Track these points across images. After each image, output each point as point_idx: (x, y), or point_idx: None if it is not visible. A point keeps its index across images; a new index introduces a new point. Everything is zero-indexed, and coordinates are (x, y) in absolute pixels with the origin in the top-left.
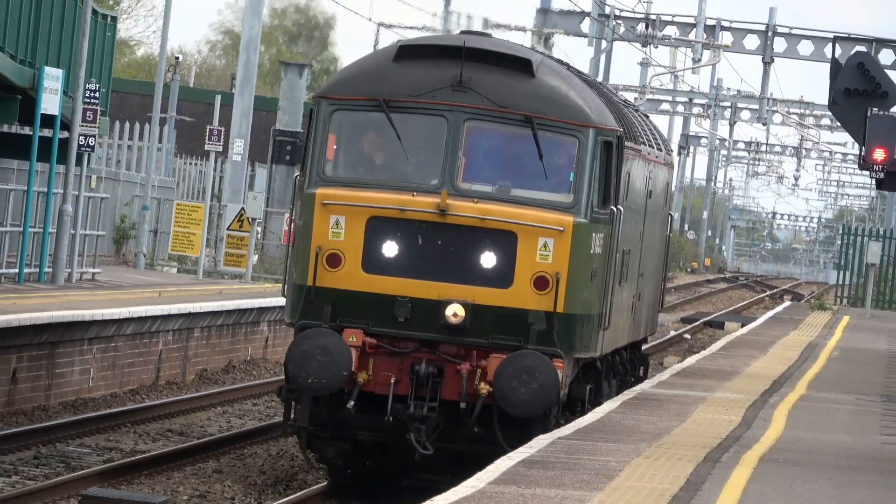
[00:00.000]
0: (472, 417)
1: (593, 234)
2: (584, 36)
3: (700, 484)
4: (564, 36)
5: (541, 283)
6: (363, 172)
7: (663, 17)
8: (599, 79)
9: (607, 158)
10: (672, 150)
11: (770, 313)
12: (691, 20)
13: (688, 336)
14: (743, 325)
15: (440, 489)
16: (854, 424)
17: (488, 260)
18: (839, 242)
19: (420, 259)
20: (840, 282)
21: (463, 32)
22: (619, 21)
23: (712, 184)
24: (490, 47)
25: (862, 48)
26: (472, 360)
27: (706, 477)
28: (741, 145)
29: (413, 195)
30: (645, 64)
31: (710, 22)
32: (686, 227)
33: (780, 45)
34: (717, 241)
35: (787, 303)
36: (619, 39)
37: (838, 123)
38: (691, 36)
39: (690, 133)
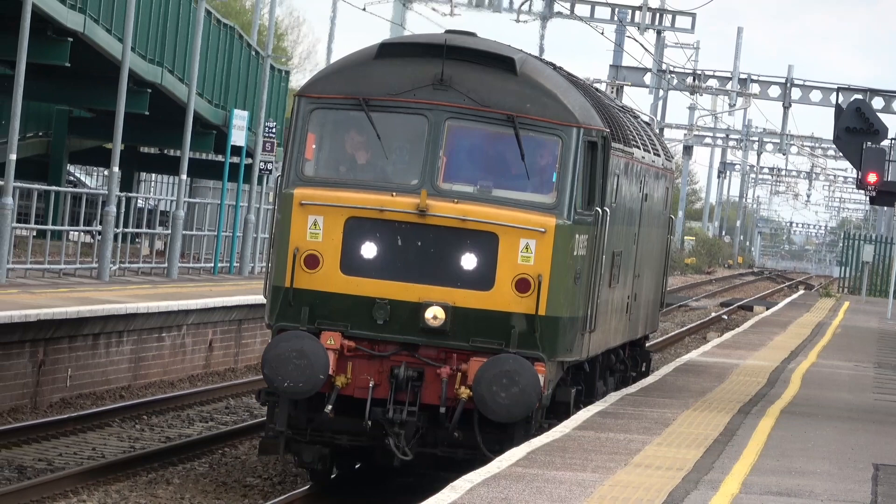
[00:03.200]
0: (451, 422)
1: (577, 236)
2: (647, 87)
3: (735, 430)
4: (630, 86)
5: (522, 285)
6: (342, 172)
7: (707, 73)
8: (657, 118)
9: (592, 159)
10: (672, 157)
11: (788, 299)
12: (728, 74)
13: (725, 316)
14: (767, 309)
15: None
16: (853, 385)
17: (469, 261)
18: (841, 245)
19: (399, 260)
20: (842, 275)
21: (447, 32)
22: (672, 75)
23: (744, 199)
24: (472, 45)
25: (859, 96)
26: (453, 364)
27: (739, 425)
28: (766, 170)
29: (392, 195)
30: (692, 108)
31: (742, 76)
32: (724, 233)
33: (796, 93)
34: (748, 243)
35: (801, 291)
36: (673, 89)
37: (841, 154)
38: (728, 86)
39: (727, 161)
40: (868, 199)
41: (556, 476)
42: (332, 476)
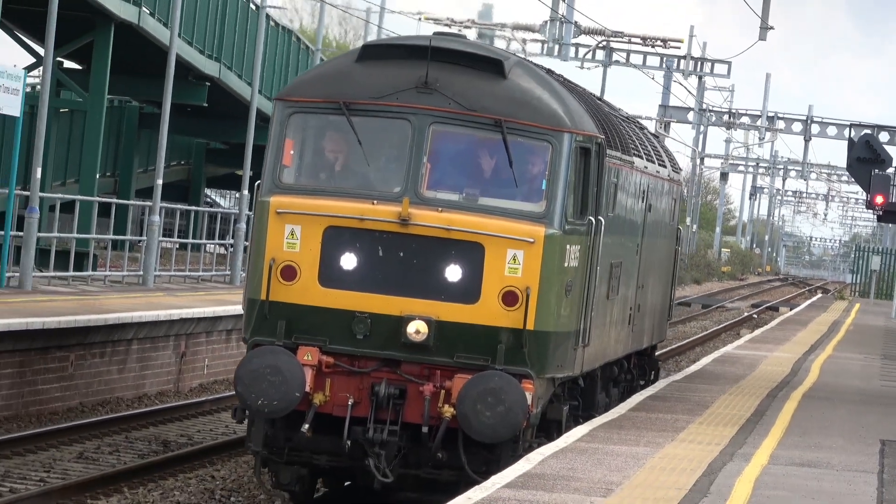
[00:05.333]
0: (434, 442)
1: (568, 246)
2: (690, 123)
3: (764, 411)
4: (676, 123)
5: (510, 298)
6: (321, 179)
7: (740, 111)
8: (698, 149)
9: (585, 166)
10: (681, 170)
11: (808, 301)
12: (758, 113)
13: (755, 316)
14: (791, 309)
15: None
16: (863, 374)
17: (453, 273)
18: (853, 256)
19: (380, 272)
20: (854, 281)
21: (436, 34)
22: (711, 113)
23: (771, 218)
24: (458, 47)
25: (868, 131)
26: (436, 381)
27: (768, 407)
28: (790, 193)
29: (373, 203)
30: (728, 141)
31: (769, 114)
32: (754, 246)
33: (815, 128)
34: (774, 255)
35: (819, 295)
36: (712, 125)
37: (853, 179)
38: (758, 123)
39: (757, 185)
40: (876, 217)
41: (614, 449)
42: (318, 495)
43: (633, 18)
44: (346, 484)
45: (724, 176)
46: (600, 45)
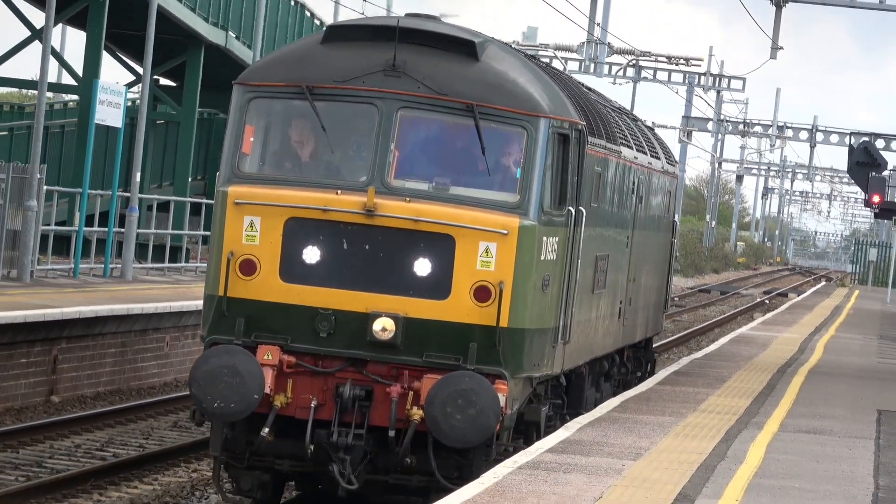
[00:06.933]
0: (401, 446)
1: (545, 238)
2: (709, 131)
3: (775, 385)
4: (697, 131)
5: (482, 293)
6: (283, 168)
7: (753, 121)
8: (717, 155)
9: (564, 154)
10: (676, 163)
11: (813, 288)
12: (769, 122)
13: (767, 301)
14: (798, 295)
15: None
16: (862, 352)
17: (422, 267)
18: (853, 248)
19: (345, 266)
20: (854, 271)
21: (408, 15)
22: (728, 123)
23: (781, 215)
24: (429, 28)
25: (867, 139)
26: (404, 382)
27: (778, 381)
28: (797, 193)
29: (337, 193)
30: (743, 147)
31: (780, 123)
32: (766, 240)
33: (819, 136)
34: (784, 247)
35: (823, 283)
36: (728, 133)
37: (853, 181)
38: (769, 131)
39: (769, 186)
40: (873, 214)
41: (643, 419)
42: (286, 500)
43: (659, 38)
44: (319, 487)
45: (739, 178)
46: (630, 63)
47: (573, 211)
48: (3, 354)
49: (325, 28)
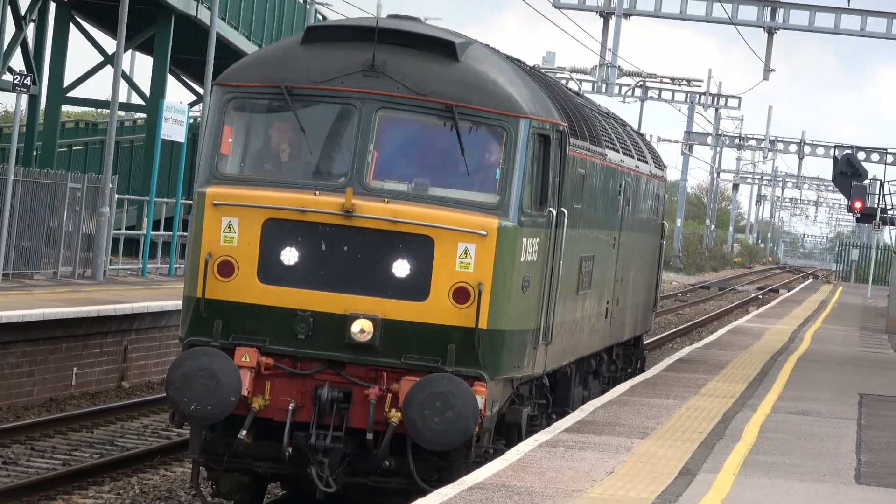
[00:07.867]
0: (380, 449)
1: (525, 239)
2: (708, 145)
3: (767, 371)
4: (698, 145)
5: (461, 295)
6: (261, 169)
7: (748, 135)
8: (715, 165)
9: (544, 154)
10: (665, 167)
11: (802, 284)
12: (762, 136)
13: (760, 296)
14: (788, 291)
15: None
16: (845, 341)
17: (401, 269)
18: (837, 249)
19: (323, 267)
20: (838, 269)
21: (389, 16)
22: (725, 137)
23: (773, 219)
24: (408, 28)
25: (850, 151)
26: (382, 384)
27: (770, 368)
28: (787, 200)
29: (315, 194)
30: (738, 159)
31: (771, 137)
32: (759, 241)
33: (807, 149)
34: (775, 248)
35: (811, 280)
36: (726, 146)
37: (837, 189)
38: (762, 144)
39: (762, 194)
40: (855, 219)
41: (649, 402)
42: (269, 501)
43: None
44: (297, 489)
45: (735, 187)
46: (638, 84)
47: (554, 212)
48: (79, 345)
49: (305, 29)
